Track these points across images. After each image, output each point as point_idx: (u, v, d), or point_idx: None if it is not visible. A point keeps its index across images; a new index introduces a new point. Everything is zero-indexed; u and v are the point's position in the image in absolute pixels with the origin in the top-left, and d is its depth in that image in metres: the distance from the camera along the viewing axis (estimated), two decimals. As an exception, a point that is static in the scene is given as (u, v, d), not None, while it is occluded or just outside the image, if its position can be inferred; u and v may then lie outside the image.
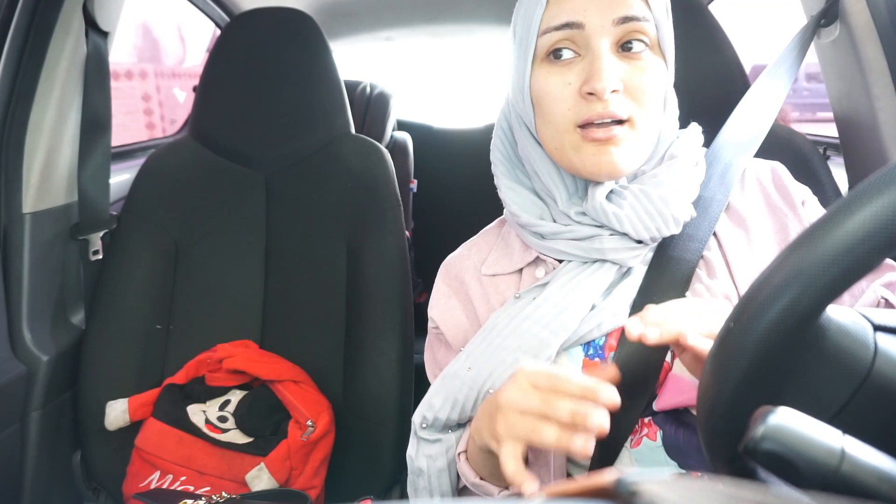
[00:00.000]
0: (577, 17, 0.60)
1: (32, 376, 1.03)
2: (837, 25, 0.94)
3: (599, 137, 0.60)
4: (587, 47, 0.60)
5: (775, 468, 0.31)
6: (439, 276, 0.78)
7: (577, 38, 0.60)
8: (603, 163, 0.61)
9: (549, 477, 0.64)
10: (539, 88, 0.63)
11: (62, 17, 1.02)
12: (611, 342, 0.64)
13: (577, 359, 0.65)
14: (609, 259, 0.64)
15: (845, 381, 0.36)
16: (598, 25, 0.59)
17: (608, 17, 0.59)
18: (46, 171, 1.05)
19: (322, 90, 1.24)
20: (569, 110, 0.61)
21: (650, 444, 0.62)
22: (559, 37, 0.61)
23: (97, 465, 1.10)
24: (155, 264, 1.18)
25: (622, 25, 0.59)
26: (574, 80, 0.61)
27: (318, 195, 1.20)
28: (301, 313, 1.19)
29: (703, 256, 0.65)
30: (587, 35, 0.60)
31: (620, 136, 0.61)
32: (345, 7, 1.86)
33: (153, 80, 4.53)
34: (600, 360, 0.64)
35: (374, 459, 1.09)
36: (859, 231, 0.32)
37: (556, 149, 0.64)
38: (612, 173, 0.62)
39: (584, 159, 0.62)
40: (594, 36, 0.60)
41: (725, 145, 0.75)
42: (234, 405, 1.09)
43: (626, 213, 0.62)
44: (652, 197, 0.63)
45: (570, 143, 0.62)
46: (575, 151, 0.62)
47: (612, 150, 0.61)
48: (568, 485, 0.29)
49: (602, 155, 0.61)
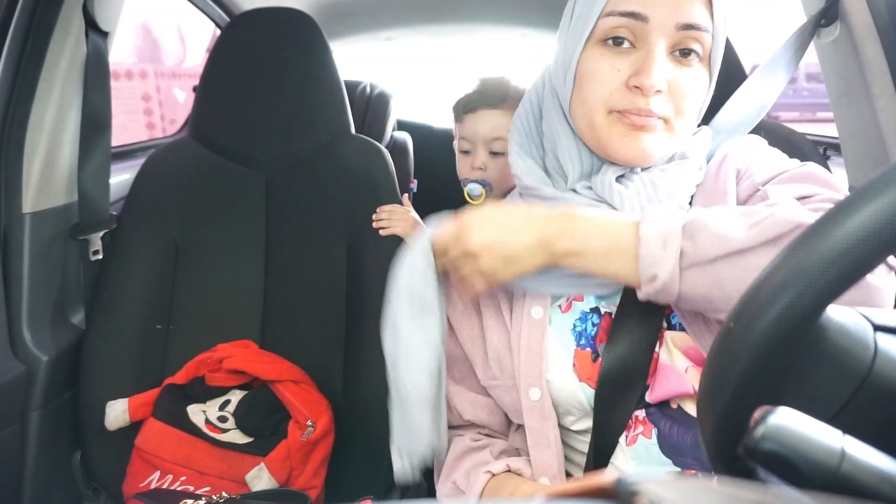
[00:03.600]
0: (644, 9, 0.60)
1: (32, 376, 1.03)
2: (837, 25, 0.94)
3: (635, 122, 0.61)
4: (644, 41, 0.61)
5: (775, 468, 0.31)
6: None
7: (638, 29, 0.61)
8: (632, 146, 0.62)
9: (552, 459, 0.65)
10: (587, 68, 0.64)
11: (62, 17, 1.01)
12: (601, 333, 0.65)
13: (568, 348, 0.66)
14: None
15: (845, 381, 0.36)
16: (662, 24, 0.60)
17: (673, 19, 0.60)
18: (46, 171, 1.05)
19: (322, 90, 1.24)
20: (611, 94, 0.62)
21: (646, 442, 0.62)
22: (621, 23, 0.61)
23: (97, 465, 1.10)
24: (155, 264, 1.18)
25: (683, 31, 0.60)
26: (624, 68, 0.62)
27: (318, 195, 1.20)
28: (301, 313, 1.19)
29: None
30: (648, 30, 0.60)
31: (654, 127, 0.62)
32: (345, 7, 1.86)
33: (153, 80, 4.53)
34: (591, 350, 0.65)
35: (374, 459, 1.09)
36: (859, 231, 0.32)
37: (588, 125, 0.65)
38: (638, 158, 0.63)
39: (615, 138, 0.63)
40: (654, 33, 0.60)
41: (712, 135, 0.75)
42: (234, 405, 1.09)
43: (629, 195, 0.63)
44: (658, 188, 0.64)
45: (604, 122, 0.63)
46: (607, 129, 0.63)
47: (644, 136, 0.62)
48: (568, 485, 0.29)
49: (633, 138, 0.62)
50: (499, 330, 0.70)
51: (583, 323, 0.66)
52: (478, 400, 0.73)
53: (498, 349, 0.69)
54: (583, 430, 0.67)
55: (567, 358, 0.65)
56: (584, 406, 0.65)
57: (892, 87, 0.87)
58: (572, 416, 0.66)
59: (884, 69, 0.88)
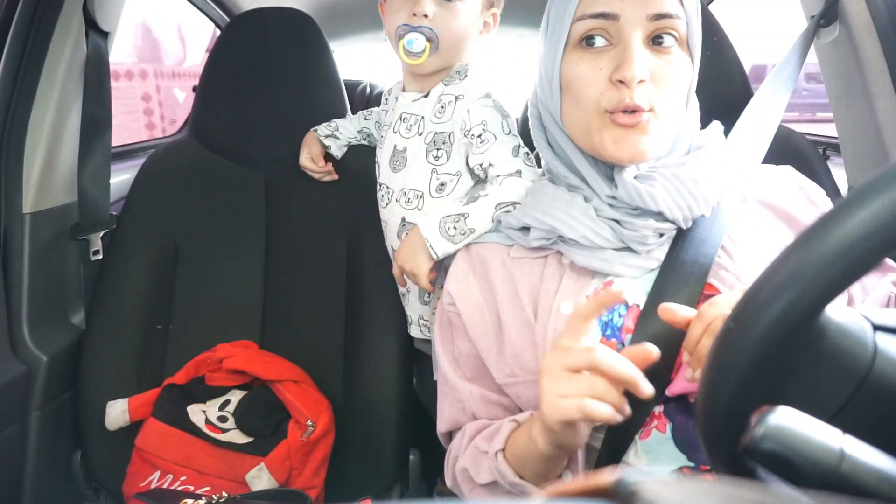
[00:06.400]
0: (613, 8, 0.62)
1: (32, 376, 1.03)
2: (837, 25, 0.94)
3: (625, 123, 0.63)
4: (619, 37, 0.63)
5: (775, 468, 0.31)
6: (460, 254, 0.79)
7: (611, 28, 0.63)
8: (626, 147, 0.63)
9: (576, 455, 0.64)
10: (569, 73, 0.65)
11: (62, 17, 1.01)
12: (628, 324, 0.65)
13: (593, 338, 0.65)
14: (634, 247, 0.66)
15: (845, 381, 0.36)
16: (633, 18, 0.62)
17: (643, 12, 0.61)
18: (46, 171, 1.05)
19: (322, 90, 1.24)
20: (600, 94, 0.63)
21: (659, 436, 0.62)
22: (594, 24, 0.63)
23: (97, 465, 1.10)
24: (155, 264, 1.18)
25: (656, 22, 0.62)
26: (605, 66, 0.63)
27: (318, 195, 1.20)
28: (301, 313, 1.19)
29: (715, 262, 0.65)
30: (621, 26, 0.62)
31: (646, 123, 0.63)
32: (345, 7, 1.86)
33: (153, 80, 4.53)
34: (617, 342, 0.64)
35: (374, 459, 1.09)
36: (859, 231, 0.32)
37: (582, 131, 0.66)
38: (635, 156, 0.64)
39: (607, 142, 0.64)
40: (627, 27, 0.62)
41: (734, 151, 0.76)
42: (234, 405, 1.09)
43: (659, 193, 0.64)
44: (682, 178, 0.65)
45: (596, 126, 0.65)
46: (599, 133, 0.64)
47: (637, 136, 0.63)
48: (568, 485, 0.29)
49: (625, 140, 0.63)
50: (518, 326, 0.69)
51: (609, 314, 0.66)
52: (492, 398, 0.72)
53: (517, 345, 0.68)
54: (600, 427, 0.65)
55: None
56: None
57: (892, 87, 0.87)
58: None
59: (883, 69, 0.88)
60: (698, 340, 0.53)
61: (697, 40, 0.66)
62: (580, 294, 0.67)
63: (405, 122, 0.97)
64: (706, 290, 0.63)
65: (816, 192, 0.72)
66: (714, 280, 0.64)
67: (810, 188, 0.72)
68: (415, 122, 0.95)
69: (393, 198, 0.97)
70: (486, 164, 0.88)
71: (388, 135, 0.99)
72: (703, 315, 0.53)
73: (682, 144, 0.70)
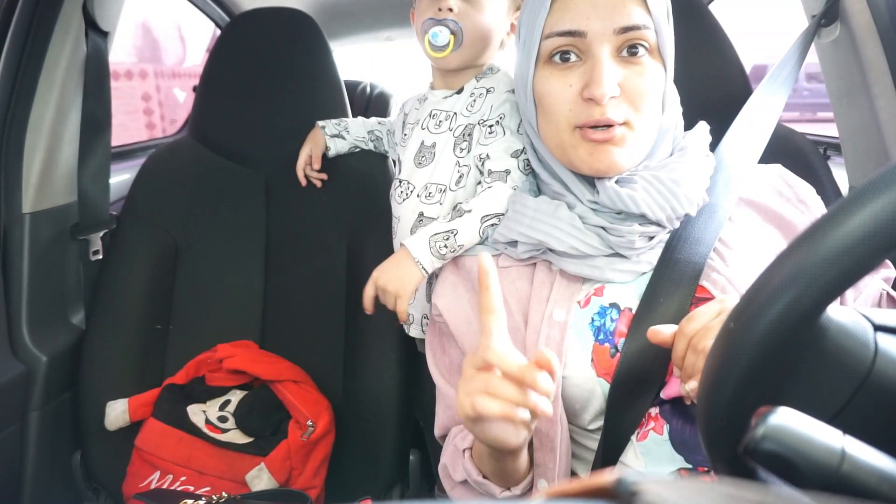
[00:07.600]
0: (579, 25, 0.62)
1: (32, 376, 1.03)
2: (837, 25, 0.94)
3: (597, 138, 0.63)
4: (588, 53, 0.63)
5: (775, 468, 0.31)
6: (447, 267, 0.79)
7: (579, 44, 0.63)
8: (600, 159, 0.64)
9: (553, 463, 0.64)
10: (541, 89, 0.66)
11: (62, 17, 1.01)
12: (621, 328, 0.65)
13: (587, 343, 0.65)
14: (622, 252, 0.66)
15: (846, 381, 0.36)
16: (600, 34, 0.62)
17: (609, 26, 0.61)
18: (46, 171, 1.05)
19: (322, 90, 1.23)
20: (570, 111, 0.64)
21: (656, 437, 0.62)
22: (561, 42, 0.63)
23: (97, 465, 1.10)
24: (155, 264, 1.18)
25: (623, 34, 0.62)
26: (575, 82, 0.64)
27: (319, 195, 1.20)
28: (301, 313, 1.19)
29: (707, 264, 0.65)
30: (589, 42, 0.62)
31: (619, 136, 0.63)
32: (345, 7, 1.86)
33: (153, 80, 4.53)
34: (610, 346, 0.64)
35: (374, 459, 1.09)
36: (859, 231, 0.32)
37: (557, 146, 0.67)
38: (610, 170, 0.65)
39: (583, 156, 0.65)
40: (595, 43, 0.62)
41: (730, 151, 0.76)
42: (235, 405, 1.09)
43: (640, 195, 0.64)
44: (663, 179, 0.65)
45: (569, 141, 0.65)
46: (574, 149, 0.65)
47: (611, 148, 0.63)
48: (568, 485, 0.29)
49: (600, 153, 0.64)
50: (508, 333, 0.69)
51: (602, 318, 0.66)
52: None
53: None
54: (598, 429, 0.66)
55: (585, 353, 0.65)
56: (601, 402, 0.64)
57: (892, 87, 0.87)
58: (589, 413, 0.65)
59: (884, 69, 0.88)
60: (683, 356, 0.53)
61: (670, 47, 0.66)
62: (572, 300, 0.67)
63: (435, 118, 0.95)
64: (698, 293, 0.63)
65: (806, 191, 0.72)
66: (706, 283, 0.64)
67: (800, 187, 0.72)
68: (445, 118, 0.95)
69: (413, 193, 0.96)
70: (485, 156, 0.88)
71: (415, 131, 0.98)
72: (683, 331, 0.54)
73: (665, 147, 0.70)
